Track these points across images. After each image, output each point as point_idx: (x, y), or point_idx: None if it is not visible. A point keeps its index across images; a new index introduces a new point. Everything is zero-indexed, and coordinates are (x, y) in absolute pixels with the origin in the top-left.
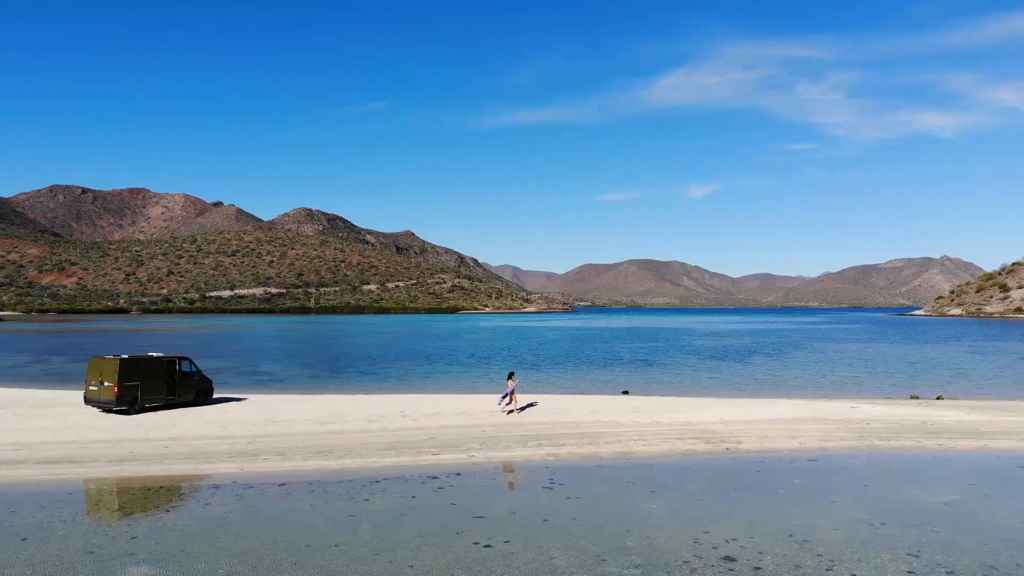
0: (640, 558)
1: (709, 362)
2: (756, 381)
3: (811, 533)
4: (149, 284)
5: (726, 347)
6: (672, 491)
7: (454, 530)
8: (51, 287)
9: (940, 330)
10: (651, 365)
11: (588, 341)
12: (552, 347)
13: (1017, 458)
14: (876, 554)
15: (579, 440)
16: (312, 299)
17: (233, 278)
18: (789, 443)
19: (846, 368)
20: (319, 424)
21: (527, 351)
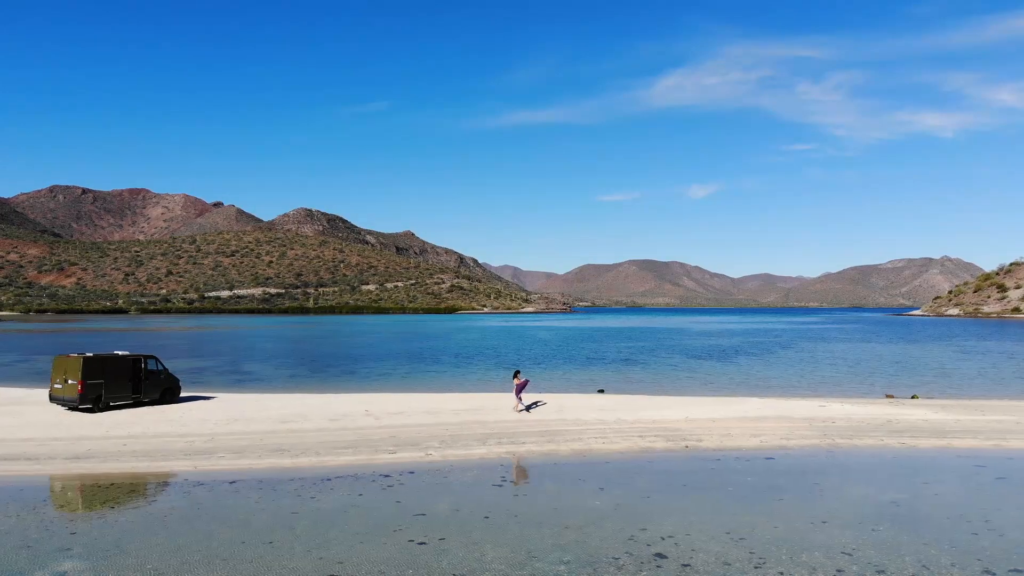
0: (571, 555)
1: (692, 361)
2: (733, 380)
3: (750, 531)
4: (148, 284)
5: (714, 347)
6: (621, 488)
7: (393, 528)
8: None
9: (934, 330)
10: (634, 364)
11: (578, 341)
12: (540, 347)
13: (976, 457)
14: (810, 552)
15: (540, 438)
16: (311, 299)
17: (232, 278)
18: (750, 441)
19: (828, 368)
20: (280, 423)
21: (514, 351)
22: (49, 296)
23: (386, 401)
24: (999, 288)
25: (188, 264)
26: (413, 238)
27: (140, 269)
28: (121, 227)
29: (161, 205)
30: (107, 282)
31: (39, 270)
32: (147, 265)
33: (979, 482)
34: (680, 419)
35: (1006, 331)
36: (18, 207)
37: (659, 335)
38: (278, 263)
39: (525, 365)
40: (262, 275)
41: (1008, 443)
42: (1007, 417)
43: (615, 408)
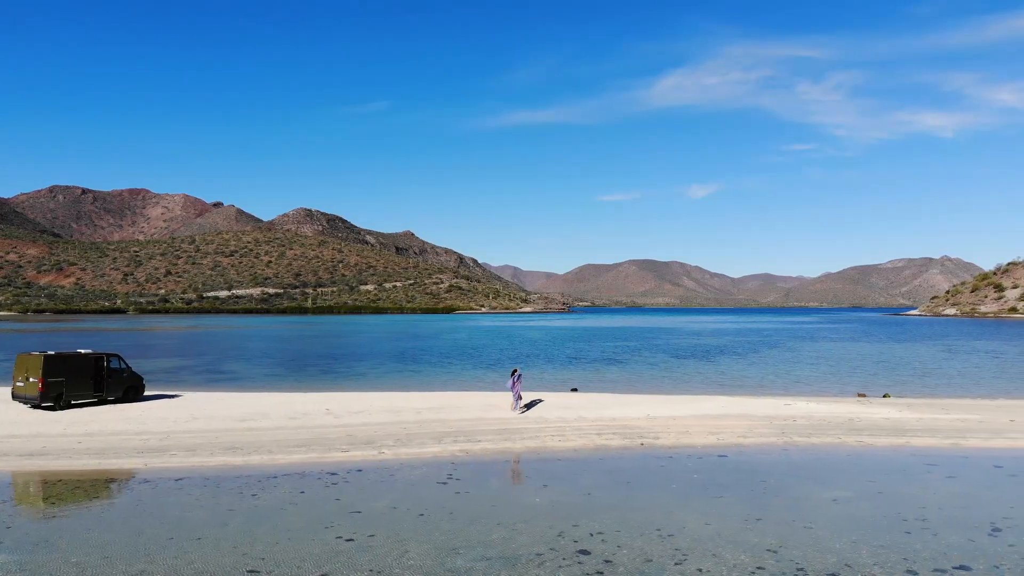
0: (495, 551)
1: (672, 361)
2: (707, 379)
3: (681, 527)
4: (147, 284)
5: (700, 346)
6: (565, 485)
7: (325, 525)
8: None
9: (926, 330)
10: (614, 364)
11: (567, 340)
12: (527, 346)
13: (930, 455)
14: (735, 549)
15: (497, 436)
16: (309, 299)
17: (231, 278)
18: (707, 439)
19: (809, 367)
20: (239, 421)
21: (499, 350)
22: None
23: (349, 400)
24: (996, 288)
25: (187, 264)
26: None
27: (139, 269)
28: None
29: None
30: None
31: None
32: (146, 265)
33: (927, 481)
34: (641, 417)
35: (999, 331)
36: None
37: (649, 335)
38: (277, 263)
39: (505, 364)
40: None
41: (966, 442)
42: (971, 416)
43: (580, 406)
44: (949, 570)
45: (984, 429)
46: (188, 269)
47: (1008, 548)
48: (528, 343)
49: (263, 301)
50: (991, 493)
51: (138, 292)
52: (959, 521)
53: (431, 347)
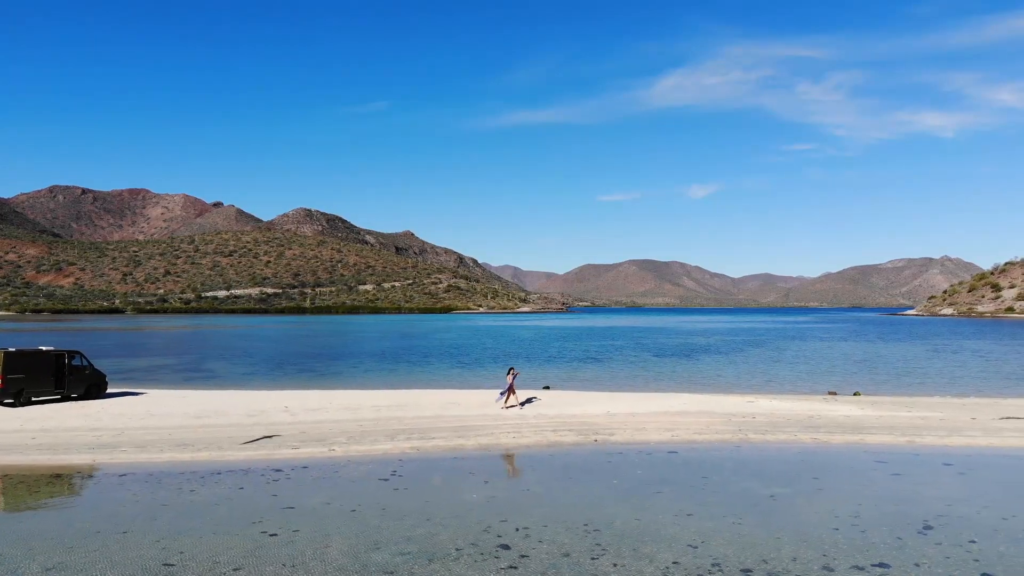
0: (416, 546)
1: (653, 359)
2: (680, 377)
3: (609, 523)
4: (146, 284)
5: (686, 345)
6: (507, 481)
7: (253, 520)
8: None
9: (919, 329)
10: (592, 362)
11: (555, 340)
12: (514, 345)
13: (881, 453)
14: (657, 544)
15: (451, 433)
16: (307, 299)
17: (230, 278)
18: (662, 435)
19: (789, 366)
20: (195, 418)
21: (483, 349)
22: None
23: (311, 398)
24: (993, 288)
25: (186, 264)
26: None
27: (138, 269)
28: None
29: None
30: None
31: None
32: (145, 265)
33: (871, 478)
34: (601, 414)
35: (993, 330)
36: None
37: (639, 334)
38: (276, 263)
39: (484, 363)
40: (260, 275)
41: (922, 439)
42: (932, 414)
43: (543, 403)
44: (867, 567)
45: (943, 427)
46: (187, 269)
47: (934, 547)
48: (516, 342)
49: (261, 301)
50: (932, 491)
51: (137, 292)
52: (892, 518)
53: (417, 346)
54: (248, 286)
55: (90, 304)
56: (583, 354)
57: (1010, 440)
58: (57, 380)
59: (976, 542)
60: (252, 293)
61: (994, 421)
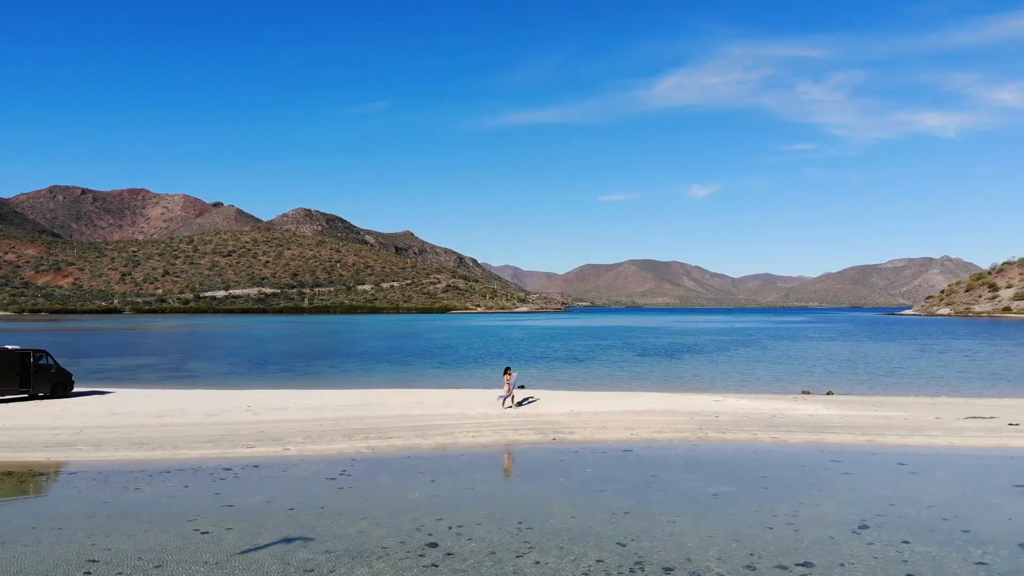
0: (344, 544)
1: (635, 359)
2: (657, 376)
3: (544, 521)
4: (145, 284)
5: (673, 345)
6: (453, 480)
7: (189, 518)
8: (47, 287)
9: (912, 329)
10: (576, 361)
11: (545, 340)
12: (503, 345)
13: (837, 452)
14: (585, 542)
15: (409, 433)
16: (306, 299)
17: (228, 278)
18: (621, 434)
19: (770, 365)
20: (155, 417)
21: (469, 349)
22: (45, 296)
23: (275, 397)
24: (990, 287)
25: (185, 264)
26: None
27: (137, 269)
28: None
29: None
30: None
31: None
32: (144, 265)
33: (821, 477)
34: (565, 413)
35: (987, 330)
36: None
37: (629, 334)
38: (275, 263)
39: (466, 365)
40: (258, 275)
41: (882, 439)
42: (897, 413)
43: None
44: (791, 567)
45: (905, 426)
46: (186, 269)
47: (865, 547)
48: (505, 342)
49: (260, 301)
50: (879, 490)
51: (135, 292)
52: (830, 518)
53: (404, 346)
54: (247, 286)
55: (88, 304)
56: (567, 354)
57: (971, 440)
58: (23, 379)
59: (909, 542)
60: (251, 293)
61: (958, 421)
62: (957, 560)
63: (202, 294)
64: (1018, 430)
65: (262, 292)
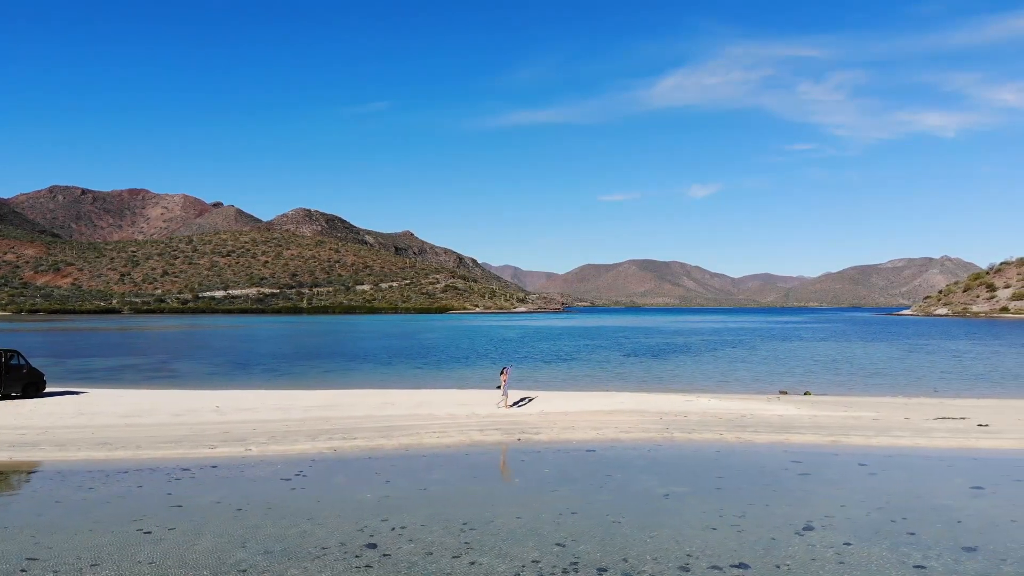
0: (283, 545)
1: (620, 359)
2: (635, 376)
3: (489, 522)
4: (144, 284)
5: (662, 345)
6: (408, 481)
7: (135, 518)
8: (45, 288)
9: (906, 329)
10: (561, 362)
11: (535, 340)
12: (492, 345)
13: (799, 452)
14: (525, 542)
15: (374, 433)
16: (305, 299)
17: (227, 279)
18: (587, 434)
19: (754, 365)
20: (122, 417)
21: (456, 349)
22: (43, 296)
23: (245, 398)
24: (988, 287)
25: (184, 264)
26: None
27: (136, 269)
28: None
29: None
30: (103, 282)
31: (35, 270)
32: (143, 265)
33: (778, 477)
34: (535, 413)
35: (981, 330)
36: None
37: (620, 334)
38: (274, 263)
39: (447, 365)
40: (257, 275)
41: (847, 439)
42: (867, 413)
43: (479, 403)
44: (725, 568)
45: (873, 427)
46: (185, 269)
47: (805, 548)
48: (495, 342)
49: (259, 301)
50: (833, 491)
51: (134, 292)
52: (777, 518)
53: (392, 347)
54: (245, 286)
55: (87, 304)
56: (552, 355)
57: (937, 441)
58: None
59: (851, 544)
60: (249, 293)
61: (928, 421)
62: (895, 563)
63: (201, 294)
64: (986, 431)
65: (261, 292)
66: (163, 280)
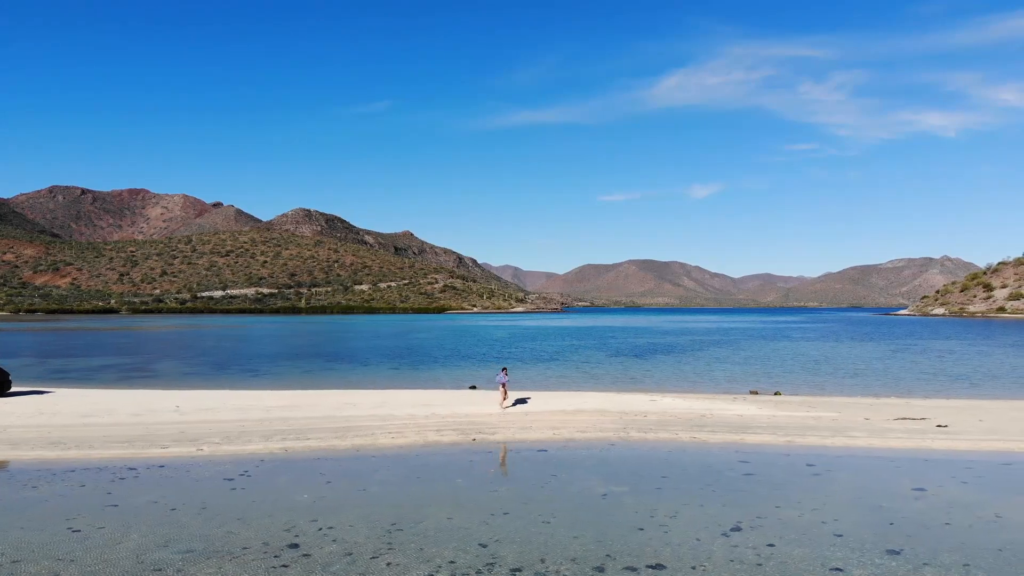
0: (206, 545)
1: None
2: (606, 376)
3: (417, 523)
4: (142, 284)
5: (649, 345)
6: (350, 482)
7: (69, 516)
8: (44, 287)
9: (898, 329)
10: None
11: (523, 340)
12: (480, 346)
13: (749, 452)
14: (446, 543)
15: (329, 433)
16: (303, 299)
17: (226, 278)
18: (544, 434)
19: (732, 364)
20: (82, 417)
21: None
22: (42, 296)
23: (207, 398)
24: (985, 287)
25: (183, 264)
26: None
27: (135, 269)
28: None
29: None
30: (101, 282)
31: (34, 270)
32: (142, 265)
33: (721, 478)
34: (495, 413)
35: (975, 330)
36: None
37: (610, 334)
38: (272, 263)
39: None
40: (256, 275)
41: (802, 440)
42: (828, 413)
43: (442, 403)
44: (640, 568)
45: (831, 427)
46: (184, 269)
47: (728, 549)
48: (483, 343)
49: (257, 301)
50: (772, 492)
51: (132, 292)
52: (708, 519)
53: (378, 347)
54: (244, 286)
55: (85, 304)
56: (533, 355)
57: (892, 442)
58: None
59: (775, 545)
60: (248, 293)
61: (887, 422)
62: (814, 564)
63: (199, 294)
64: (944, 432)
65: (259, 292)
66: (162, 280)
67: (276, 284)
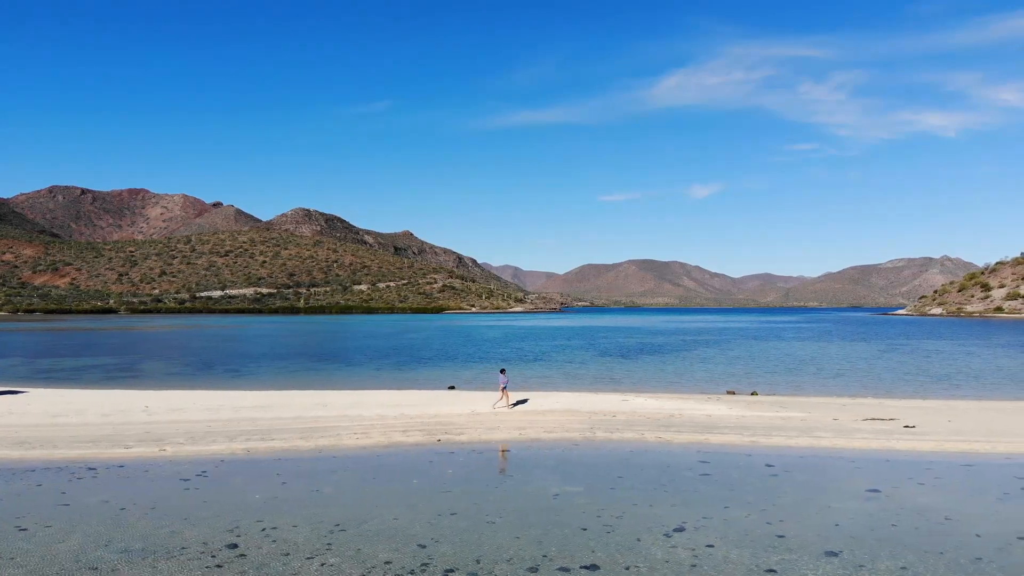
0: (145, 544)
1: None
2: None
3: (361, 523)
4: (141, 284)
5: (638, 345)
6: (305, 483)
7: (19, 515)
8: (43, 287)
9: (893, 329)
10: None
11: (514, 340)
12: (471, 346)
13: (710, 452)
14: (386, 544)
15: (294, 434)
16: (302, 299)
17: (225, 278)
18: (510, 434)
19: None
20: (51, 417)
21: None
22: (41, 296)
23: (178, 398)
24: (983, 287)
25: (182, 264)
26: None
27: (134, 269)
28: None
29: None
30: (100, 282)
31: (34, 270)
32: (141, 265)
33: (676, 478)
34: (465, 413)
35: (969, 330)
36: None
37: (601, 334)
38: (272, 263)
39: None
40: (255, 275)
41: (768, 440)
42: (797, 414)
43: (411, 404)
44: (574, 569)
45: (798, 428)
46: (183, 269)
47: (666, 550)
48: (474, 343)
49: (256, 301)
50: (724, 493)
51: (132, 292)
52: (654, 519)
53: (368, 346)
54: (243, 286)
55: (84, 304)
56: (519, 355)
57: (857, 442)
58: None
59: (714, 546)
60: (247, 293)
61: (855, 422)
62: (748, 566)
63: (198, 294)
64: (911, 433)
65: (258, 292)
66: (161, 280)
67: (275, 284)
